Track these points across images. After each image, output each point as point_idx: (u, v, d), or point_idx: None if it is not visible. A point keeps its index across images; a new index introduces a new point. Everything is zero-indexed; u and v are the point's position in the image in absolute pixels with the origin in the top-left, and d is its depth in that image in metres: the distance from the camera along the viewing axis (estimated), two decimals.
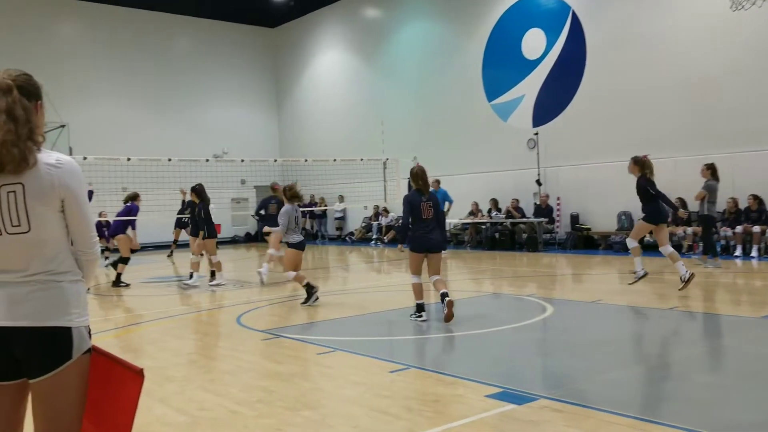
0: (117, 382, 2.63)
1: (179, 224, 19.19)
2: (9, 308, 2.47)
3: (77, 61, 24.08)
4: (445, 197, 18.32)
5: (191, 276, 12.96)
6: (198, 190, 12.84)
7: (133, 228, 13.32)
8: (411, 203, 8.23)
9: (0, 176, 2.46)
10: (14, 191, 2.46)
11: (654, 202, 10.00)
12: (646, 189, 10.00)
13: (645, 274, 10.26)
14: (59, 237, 2.56)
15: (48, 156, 2.53)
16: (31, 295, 2.49)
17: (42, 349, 2.48)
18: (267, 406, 4.95)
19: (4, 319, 2.47)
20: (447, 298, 7.89)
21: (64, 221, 2.57)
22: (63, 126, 22.04)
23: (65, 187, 2.52)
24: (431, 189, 18.22)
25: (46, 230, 2.51)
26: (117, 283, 13.09)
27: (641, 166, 10.22)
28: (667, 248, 9.77)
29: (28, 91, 2.58)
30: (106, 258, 16.35)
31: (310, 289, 9.75)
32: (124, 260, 13.31)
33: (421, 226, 8.20)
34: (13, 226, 2.47)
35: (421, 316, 8.20)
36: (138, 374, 2.61)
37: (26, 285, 2.49)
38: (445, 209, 18.37)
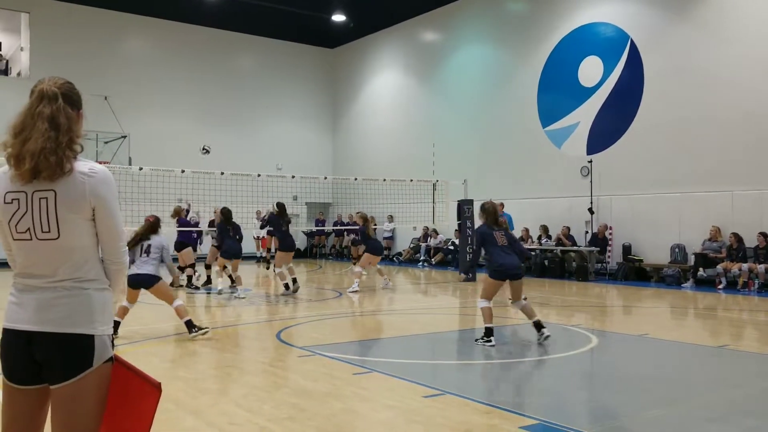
0: (135, 394, 2.64)
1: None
2: (35, 313, 2.50)
3: (141, 74, 24.81)
4: (509, 224, 18.05)
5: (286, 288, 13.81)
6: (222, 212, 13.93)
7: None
8: (483, 234, 8.48)
9: (34, 182, 2.50)
10: (46, 198, 2.49)
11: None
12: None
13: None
14: (88, 245, 2.58)
15: (82, 164, 2.57)
16: (57, 301, 2.51)
17: (64, 355, 2.50)
18: (297, 425, 4.94)
19: (29, 323, 2.51)
20: (544, 330, 8.27)
21: (94, 229, 2.60)
22: (124, 137, 22.74)
23: (96, 195, 2.54)
24: None
25: (76, 237, 2.54)
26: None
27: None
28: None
29: (72, 99, 2.63)
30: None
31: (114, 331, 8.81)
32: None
33: (499, 254, 8.34)
34: (43, 231, 2.51)
35: (490, 341, 8.08)
36: (155, 388, 2.62)
37: (53, 291, 2.52)
38: None
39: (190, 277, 14.86)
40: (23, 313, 2.52)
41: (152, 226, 8.91)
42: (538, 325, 8.35)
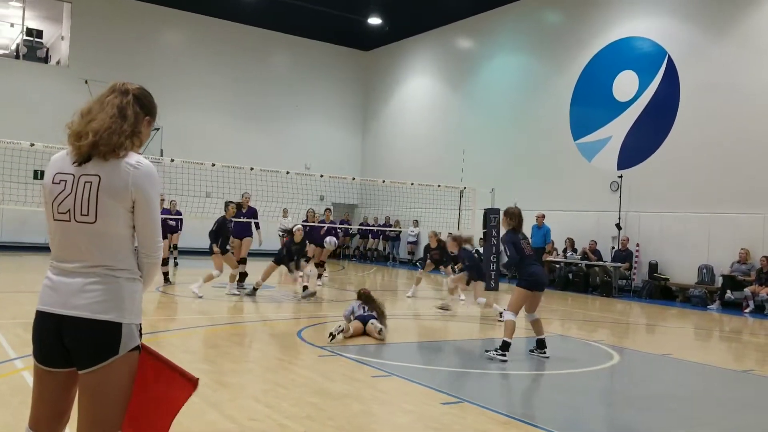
0: (165, 386, 2.67)
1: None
2: (67, 297, 2.56)
3: (177, 68, 25.14)
4: (547, 236, 17.81)
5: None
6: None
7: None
8: (513, 241, 8.05)
9: (83, 165, 2.59)
10: (91, 182, 2.57)
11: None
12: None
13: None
14: (123, 234, 2.63)
15: (131, 157, 2.64)
16: (89, 286, 2.56)
17: (91, 341, 2.55)
18: (315, 424, 4.96)
19: (61, 307, 2.56)
20: (546, 351, 8.18)
21: (132, 221, 2.65)
22: (157, 129, 23.00)
23: (138, 188, 2.60)
24: (534, 224, 17.61)
25: (112, 224, 2.59)
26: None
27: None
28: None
29: (142, 102, 2.77)
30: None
31: None
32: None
33: (530, 263, 8.05)
34: (81, 214, 2.57)
35: (504, 356, 7.69)
36: (192, 383, 2.66)
37: (86, 276, 2.58)
38: (547, 249, 17.92)
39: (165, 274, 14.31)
40: (56, 297, 2.58)
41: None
42: (542, 344, 8.19)
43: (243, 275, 13.81)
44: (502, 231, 8.66)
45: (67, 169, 2.62)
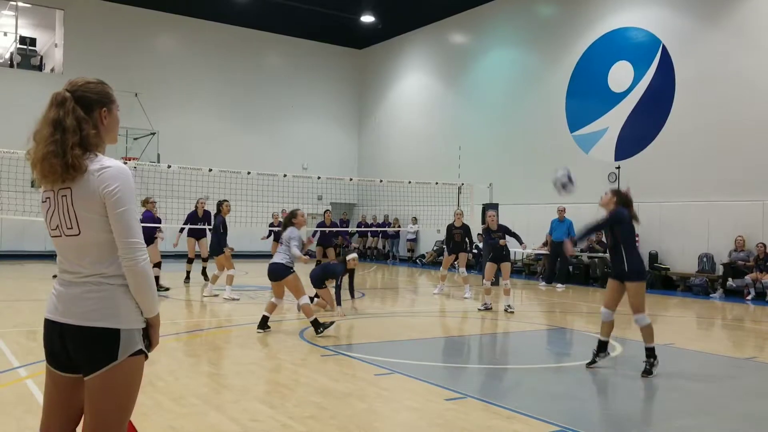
0: None
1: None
2: (66, 306, 2.62)
3: (172, 72, 25.10)
4: (570, 230, 17.69)
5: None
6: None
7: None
8: (629, 222, 7.62)
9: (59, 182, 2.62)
10: (65, 195, 2.60)
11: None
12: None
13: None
14: (109, 240, 2.62)
15: (97, 163, 2.61)
16: (84, 295, 2.61)
17: (89, 348, 2.59)
18: (318, 423, 4.96)
19: (61, 315, 2.63)
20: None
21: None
22: (153, 133, 23.00)
23: (105, 191, 2.57)
24: (555, 218, 17.58)
25: (94, 234, 2.60)
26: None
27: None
28: None
29: (87, 100, 2.68)
30: None
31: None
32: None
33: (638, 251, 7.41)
34: (68, 228, 2.62)
35: (655, 363, 7.02)
36: None
37: (82, 285, 2.62)
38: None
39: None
40: (58, 305, 2.65)
41: (286, 218, 9.37)
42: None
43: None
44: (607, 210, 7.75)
45: (48, 187, 2.67)
